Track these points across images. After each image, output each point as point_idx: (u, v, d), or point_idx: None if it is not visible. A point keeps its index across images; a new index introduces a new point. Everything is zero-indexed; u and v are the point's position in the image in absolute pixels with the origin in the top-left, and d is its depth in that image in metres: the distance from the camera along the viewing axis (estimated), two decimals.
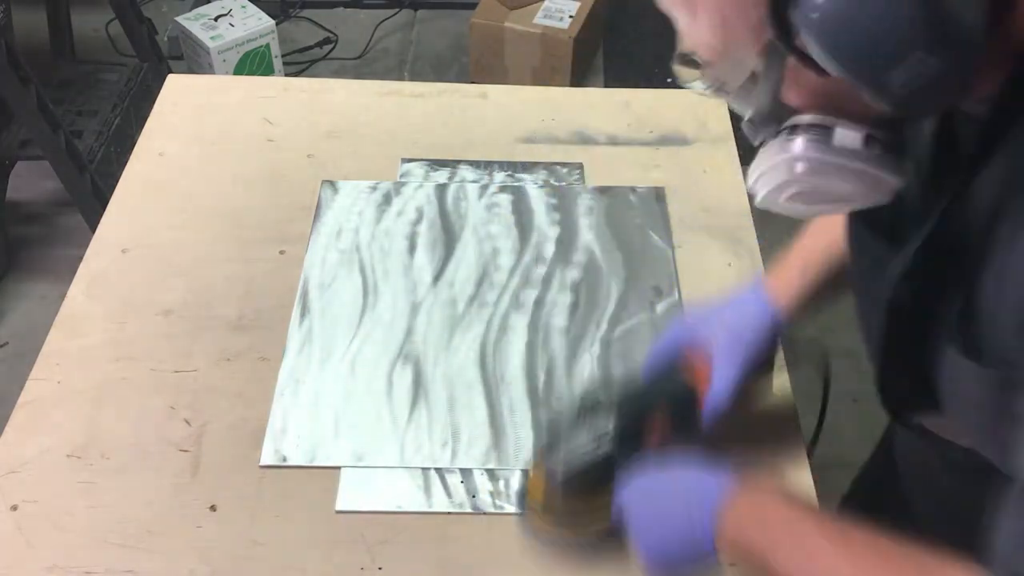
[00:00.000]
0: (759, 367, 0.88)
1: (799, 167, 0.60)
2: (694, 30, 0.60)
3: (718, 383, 0.85)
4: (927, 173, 0.65)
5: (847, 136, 0.59)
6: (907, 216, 0.65)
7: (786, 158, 0.60)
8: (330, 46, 2.95)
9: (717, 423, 0.85)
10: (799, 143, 0.60)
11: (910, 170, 0.62)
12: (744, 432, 0.91)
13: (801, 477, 0.93)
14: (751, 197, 0.67)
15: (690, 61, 0.63)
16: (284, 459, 0.94)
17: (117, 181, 1.24)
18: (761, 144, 0.64)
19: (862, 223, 0.72)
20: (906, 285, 0.65)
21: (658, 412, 0.82)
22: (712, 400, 0.85)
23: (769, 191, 0.63)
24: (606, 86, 2.70)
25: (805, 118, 0.60)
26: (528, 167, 1.27)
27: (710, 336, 0.87)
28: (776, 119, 0.62)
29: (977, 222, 0.59)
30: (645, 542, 0.75)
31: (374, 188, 1.23)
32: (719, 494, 0.71)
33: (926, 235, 0.62)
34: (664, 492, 0.75)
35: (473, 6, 2.68)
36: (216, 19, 2.60)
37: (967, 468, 0.73)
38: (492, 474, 0.93)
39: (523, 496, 0.84)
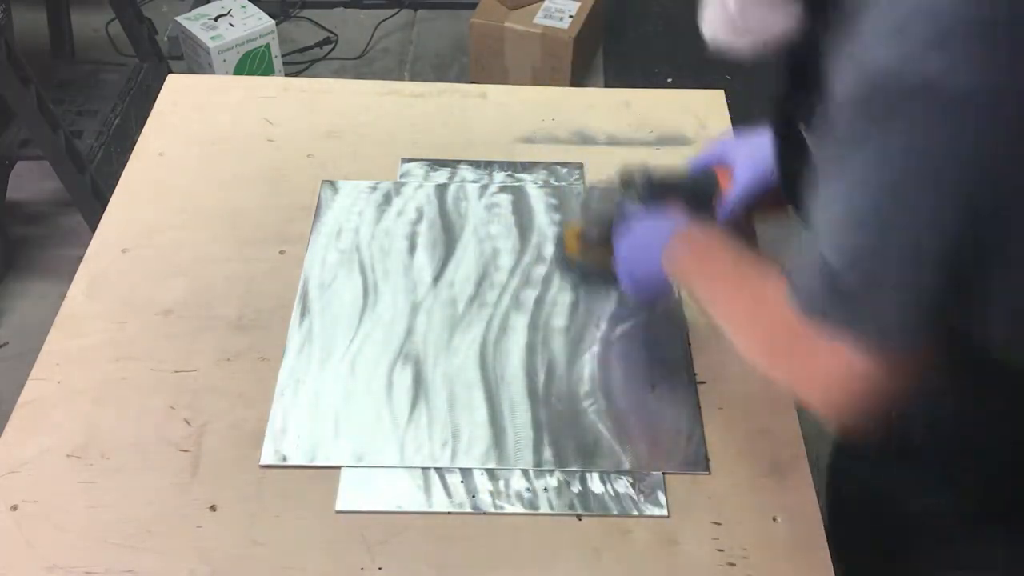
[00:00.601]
0: (772, 191, 0.97)
1: (731, 2, 0.73)
2: None
3: (737, 185, 1.00)
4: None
5: None
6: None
7: None
8: (330, 46, 2.95)
9: (726, 220, 1.00)
10: None
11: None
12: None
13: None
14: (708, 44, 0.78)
15: None
16: (284, 459, 0.94)
17: (117, 181, 1.24)
18: None
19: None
20: (788, 78, 0.78)
21: (680, 195, 1.00)
22: (726, 200, 1.00)
23: (715, 30, 0.77)
24: (606, 86, 2.70)
25: None
26: (528, 167, 1.27)
27: (735, 156, 1.01)
28: None
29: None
30: (622, 269, 0.97)
31: (374, 188, 1.23)
32: (671, 231, 0.92)
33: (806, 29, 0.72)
34: (638, 232, 0.96)
35: (473, 6, 2.68)
36: (216, 19, 2.60)
37: None
38: (492, 474, 0.93)
39: (560, 242, 1.08)
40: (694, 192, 1.02)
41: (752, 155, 1.00)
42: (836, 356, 0.68)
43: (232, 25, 2.59)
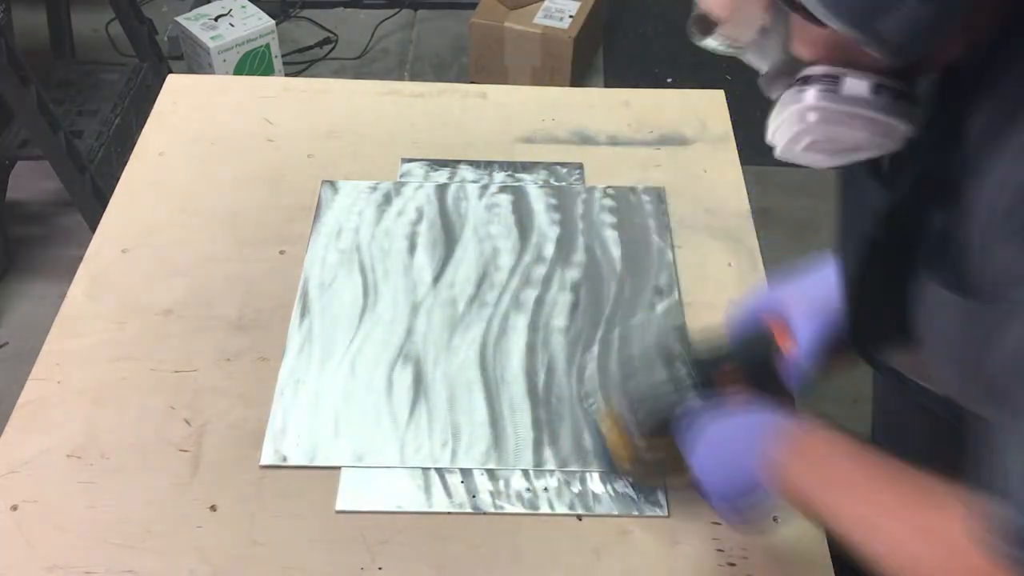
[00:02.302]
0: (840, 339, 0.83)
1: (811, 116, 0.63)
2: None
3: (802, 343, 0.84)
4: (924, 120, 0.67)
5: (856, 85, 0.62)
6: (901, 159, 0.67)
7: (799, 108, 0.63)
8: (330, 46, 2.95)
9: (800, 384, 0.85)
10: (811, 93, 0.63)
11: (920, 119, 0.64)
12: None
13: None
14: (771, 148, 0.68)
15: (705, 20, 0.66)
16: (284, 459, 0.94)
17: (117, 181, 1.24)
18: (777, 98, 0.66)
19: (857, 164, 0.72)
20: (890, 220, 0.67)
21: (737, 365, 0.84)
22: (795, 359, 0.85)
23: (786, 142, 0.66)
24: (606, 86, 2.70)
25: (816, 70, 0.63)
26: (528, 167, 1.27)
27: (789, 306, 0.87)
28: (789, 73, 0.65)
29: (962, 160, 0.61)
30: (706, 482, 0.80)
31: (374, 188, 1.23)
32: (763, 432, 0.75)
33: (915, 173, 0.65)
34: (720, 433, 0.79)
35: (473, 6, 2.68)
36: (216, 19, 2.60)
37: (941, 418, 0.75)
38: (492, 474, 0.93)
39: (605, 452, 0.90)
40: (750, 361, 0.85)
41: (810, 299, 0.85)
42: None
43: (232, 25, 2.59)
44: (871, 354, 0.78)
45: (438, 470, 0.94)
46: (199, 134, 1.31)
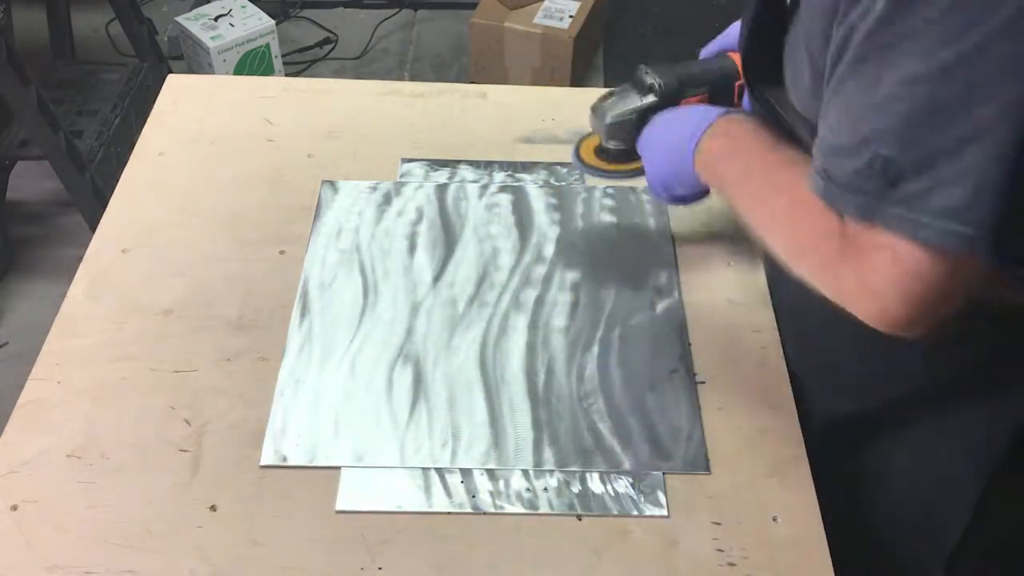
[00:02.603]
0: None
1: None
2: None
3: None
4: None
5: None
6: None
7: None
8: (330, 46, 2.95)
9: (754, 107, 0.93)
10: None
11: None
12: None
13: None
14: None
15: None
16: (284, 459, 0.94)
17: (117, 181, 1.24)
18: None
19: None
20: None
21: (703, 92, 0.97)
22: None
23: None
24: (606, 86, 2.68)
25: None
26: (528, 167, 1.27)
27: None
28: None
29: None
30: (648, 165, 0.95)
31: (374, 188, 1.23)
32: (701, 126, 0.87)
33: None
34: (667, 125, 0.93)
35: (473, 6, 2.68)
36: (216, 19, 2.60)
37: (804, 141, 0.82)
38: (492, 474, 0.93)
39: (578, 147, 1.07)
40: (716, 81, 0.97)
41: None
42: (889, 257, 0.63)
43: (232, 25, 2.59)
44: (754, 87, 0.88)
45: (438, 470, 0.94)
46: (199, 134, 1.31)
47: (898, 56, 0.59)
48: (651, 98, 0.96)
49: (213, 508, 0.90)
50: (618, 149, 1.01)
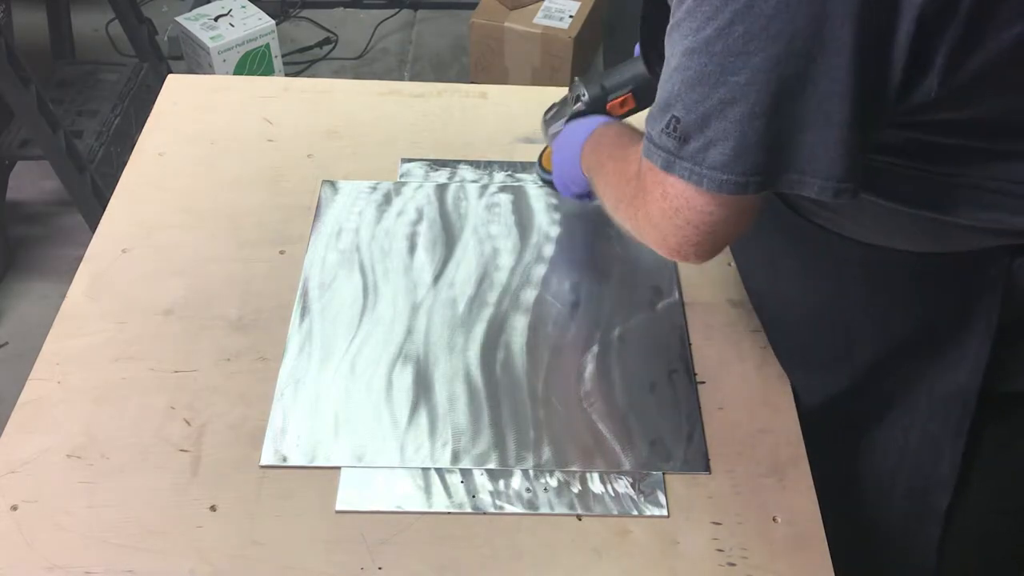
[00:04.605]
0: None
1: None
2: None
3: None
4: None
5: None
6: None
7: None
8: (330, 46, 2.95)
9: None
10: None
11: None
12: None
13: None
14: None
15: None
16: (284, 459, 0.94)
17: (117, 181, 1.24)
18: None
19: None
20: None
21: (623, 87, 1.07)
22: None
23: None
24: None
25: None
26: (528, 167, 1.27)
27: None
28: None
29: None
30: (554, 168, 1.10)
31: (374, 188, 1.23)
32: (585, 134, 1.01)
33: None
34: (570, 132, 1.05)
35: (473, 6, 2.68)
36: (216, 19, 2.60)
37: None
38: (492, 474, 0.93)
39: (540, 157, 1.18)
40: (638, 81, 1.06)
41: None
42: (660, 194, 0.75)
43: (232, 25, 2.59)
44: (648, 57, 0.96)
45: (438, 470, 0.94)
46: (199, 134, 1.31)
47: (681, 31, 0.69)
48: (579, 106, 1.08)
49: (213, 508, 0.90)
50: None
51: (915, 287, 0.90)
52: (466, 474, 0.93)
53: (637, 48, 1.08)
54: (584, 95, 1.08)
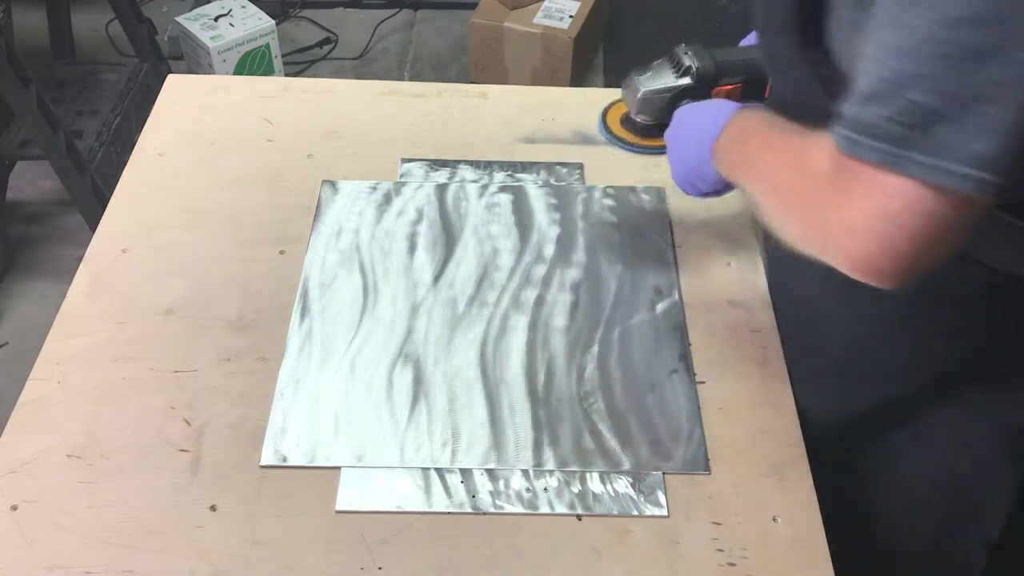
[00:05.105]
0: None
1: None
2: None
3: None
4: None
5: None
6: None
7: None
8: (330, 46, 2.95)
9: None
10: None
11: None
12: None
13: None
14: None
15: None
16: (284, 459, 0.94)
17: (117, 181, 1.24)
18: None
19: None
20: None
21: (736, 82, 0.99)
22: None
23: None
24: (606, 86, 2.70)
25: None
26: (528, 167, 1.27)
27: None
28: None
29: None
30: (672, 163, 0.97)
31: (374, 188, 1.23)
32: (720, 122, 0.88)
33: None
34: (688, 125, 0.94)
35: (473, 6, 2.68)
36: (216, 19, 2.60)
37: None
38: (492, 474, 0.93)
39: (604, 114, 1.11)
40: (751, 72, 0.98)
41: None
42: (891, 196, 0.61)
43: (232, 25, 2.59)
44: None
45: (438, 470, 0.94)
46: (199, 134, 1.31)
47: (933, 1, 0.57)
48: (686, 80, 0.99)
49: (213, 508, 0.90)
50: (645, 124, 1.03)
51: (992, 308, 0.83)
52: (466, 474, 0.93)
53: (744, 41, 1.02)
54: (696, 68, 0.97)
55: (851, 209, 0.63)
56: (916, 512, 1.00)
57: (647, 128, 1.04)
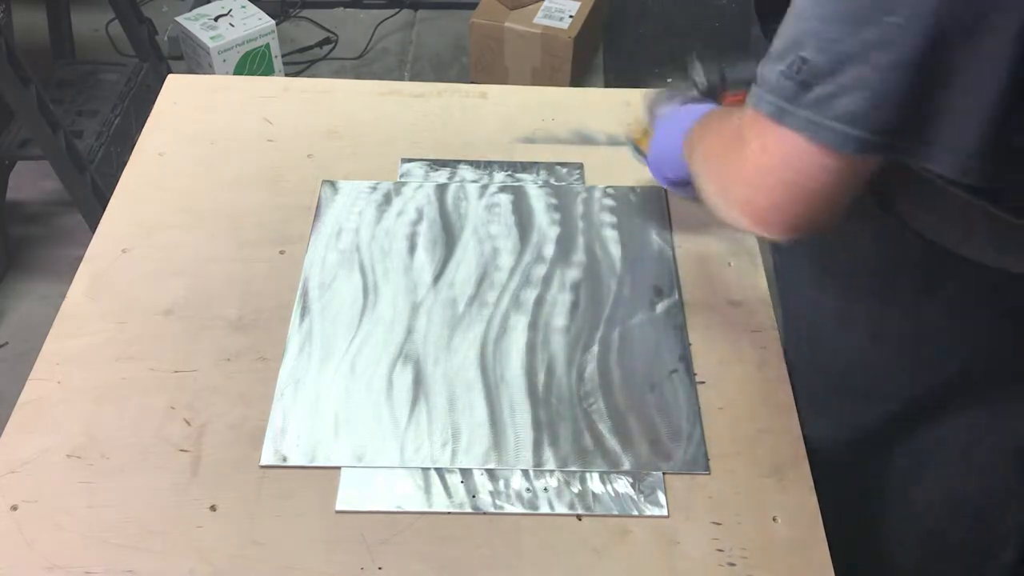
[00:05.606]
0: None
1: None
2: None
3: None
4: None
5: None
6: None
7: None
8: (330, 46, 2.95)
9: None
10: None
11: None
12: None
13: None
14: None
15: None
16: (284, 459, 0.94)
17: (117, 181, 1.24)
18: None
19: None
20: None
21: (744, 85, 0.94)
22: None
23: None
24: (606, 86, 2.70)
25: None
26: (528, 167, 1.27)
27: None
28: None
29: None
30: (651, 150, 1.03)
31: (374, 188, 1.23)
32: (698, 114, 0.91)
33: None
34: (676, 115, 0.97)
35: (473, 6, 2.68)
36: (216, 19, 2.61)
37: None
38: (492, 474, 0.93)
39: (633, 140, 1.13)
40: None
41: None
42: (776, 149, 0.65)
43: (232, 25, 2.59)
44: (764, 20, 0.88)
45: (438, 470, 0.94)
46: (199, 134, 1.31)
47: None
48: (693, 92, 1.01)
49: (213, 508, 0.90)
50: None
51: (997, 319, 0.83)
52: (466, 474, 0.93)
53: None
54: (701, 83, 1.00)
55: (746, 160, 0.67)
56: (932, 542, 0.99)
57: None
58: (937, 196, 0.75)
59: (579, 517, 0.91)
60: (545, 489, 0.92)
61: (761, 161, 0.66)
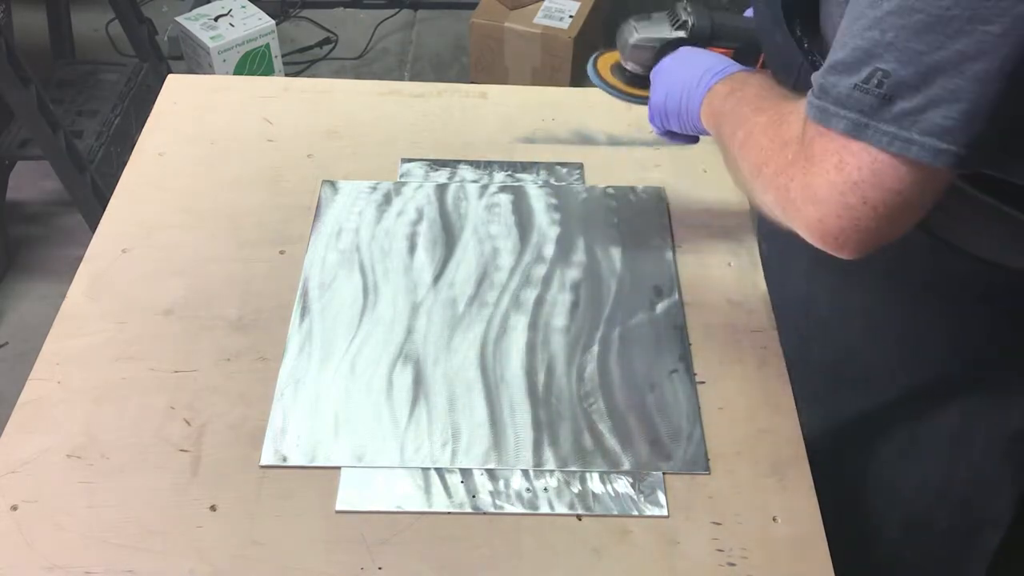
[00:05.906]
0: None
1: None
2: None
3: None
4: None
5: None
6: None
7: None
8: (330, 46, 2.95)
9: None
10: None
11: None
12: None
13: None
14: None
15: None
16: (284, 459, 0.94)
17: (117, 181, 1.24)
18: None
19: None
20: None
21: (731, 39, 0.98)
22: None
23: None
24: None
25: None
26: (528, 167, 1.27)
27: None
28: None
29: None
30: (655, 94, 0.96)
31: (374, 188, 1.23)
32: (719, 69, 0.88)
33: None
34: (686, 59, 0.93)
35: (473, 6, 2.69)
36: (216, 19, 2.61)
37: None
38: (492, 474, 0.93)
39: (595, 59, 1.08)
40: (747, 40, 0.97)
41: None
42: (854, 167, 0.62)
43: (232, 25, 2.59)
44: (789, 21, 0.84)
45: (438, 470, 0.94)
46: (199, 134, 1.31)
47: None
48: (680, 33, 0.97)
49: (213, 508, 0.90)
50: (633, 72, 1.02)
51: (991, 311, 0.83)
52: (466, 474, 0.93)
53: (748, 12, 1.02)
54: (691, 23, 0.97)
55: (816, 177, 0.64)
56: (915, 528, 1.00)
57: (635, 77, 1.02)
58: (953, 193, 0.74)
59: (579, 517, 0.91)
60: (545, 489, 0.92)
61: (836, 179, 0.63)
